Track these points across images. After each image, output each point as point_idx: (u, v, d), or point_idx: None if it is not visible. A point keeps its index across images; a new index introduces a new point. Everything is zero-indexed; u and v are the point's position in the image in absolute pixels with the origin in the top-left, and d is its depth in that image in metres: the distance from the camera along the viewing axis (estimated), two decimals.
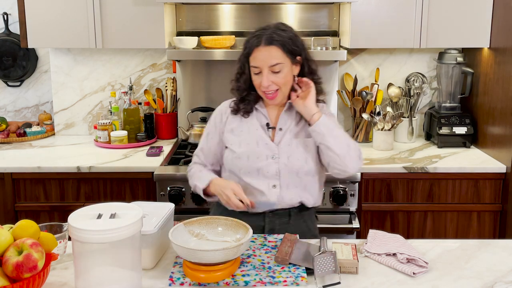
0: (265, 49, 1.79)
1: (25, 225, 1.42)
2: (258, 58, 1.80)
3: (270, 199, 1.85)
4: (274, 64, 1.79)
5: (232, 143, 1.90)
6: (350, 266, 1.53)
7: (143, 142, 2.93)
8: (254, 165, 1.84)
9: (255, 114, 1.91)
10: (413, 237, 2.60)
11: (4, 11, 3.13)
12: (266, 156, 1.85)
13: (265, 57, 1.79)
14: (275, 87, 1.81)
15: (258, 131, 1.89)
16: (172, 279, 1.49)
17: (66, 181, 2.60)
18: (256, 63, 1.81)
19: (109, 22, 2.75)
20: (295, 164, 1.84)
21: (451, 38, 2.75)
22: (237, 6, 3.03)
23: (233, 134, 1.91)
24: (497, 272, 1.54)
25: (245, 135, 1.89)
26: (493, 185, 2.57)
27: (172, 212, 1.71)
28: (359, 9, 2.71)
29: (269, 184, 1.85)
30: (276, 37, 1.80)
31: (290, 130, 1.88)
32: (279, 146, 1.86)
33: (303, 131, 1.88)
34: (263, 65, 1.79)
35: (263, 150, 1.85)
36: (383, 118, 2.83)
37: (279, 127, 1.89)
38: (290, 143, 1.86)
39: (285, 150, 1.85)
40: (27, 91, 3.25)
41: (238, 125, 1.91)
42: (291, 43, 1.81)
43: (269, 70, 1.79)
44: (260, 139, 1.87)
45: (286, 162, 1.84)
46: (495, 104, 2.66)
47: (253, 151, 1.85)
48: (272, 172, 1.84)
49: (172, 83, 3.08)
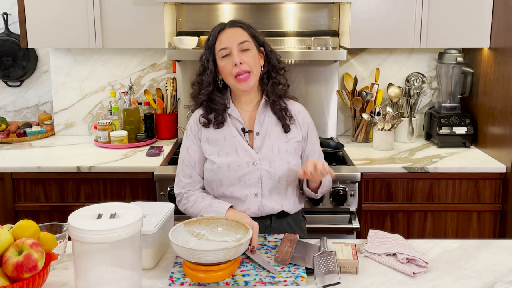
0: (230, 30, 1.82)
1: (25, 225, 1.42)
2: (225, 39, 1.79)
3: (251, 208, 1.82)
4: (242, 42, 1.79)
5: (210, 153, 1.85)
6: (350, 266, 1.53)
7: (143, 142, 2.93)
8: (235, 174, 1.80)
9: (229, 120, 1.86)
10: (413, 237, 2.60)
11: (4, 11, 3.13)
12: (247, 163, 1.81)
13: (232, 36, 1.80)
14: (246, 67, 1.77)
15: (236, 137, 1.84)
16: (172, 279, 1.49)
17: (66, 181, 2.60)
18: (223, 44, 1.79)
19: (109, 22, 2.75)
20: (277, 170, 1.81)
21: (451, 38, 2.75)
22: (237, 6, 3.03)
23: (210, 144, 1.86)
24: (497, 272, 1.54)
25: (222, 144, 1.84)
26: (493, 185, 2.57)
27: (172, 212, 1.71)
28: (359, 9, 2.71)
29: (251, 192, 1.81)
30: (238, 22, 1.84)
31: (269, 134, 1.84)
32: (260, 152, 1.82)
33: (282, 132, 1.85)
34: (231, 44, 1.78)
35: (243, 158, 1.81)
36: (383, 118, 2.83)
37: (256, 131, 1.84)
38: (270, 147, 1.83)
39: (266, 156, 1.81)
40: (27, 91, 3.25)
41: (213, 134, 1.86)
42: (252, 29, 1.85)
43: (238, 49, 1.78)
44: (238, 146, 1.82)
45: (268, 169, 1.81)
46: (495, 104, 2.66)
47: (233, 160, 1.81)
48: (254, 179, 1.80)
49: (172, 83, 3.08)
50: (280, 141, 1.84)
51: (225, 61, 1.79)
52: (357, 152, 2.80)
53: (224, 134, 1.85)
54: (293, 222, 1.91)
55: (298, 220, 1.95)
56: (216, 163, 1.82)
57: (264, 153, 1.82)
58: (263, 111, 1.87)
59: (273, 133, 1.85)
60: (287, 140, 1.85)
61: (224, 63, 1.79)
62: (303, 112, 1.94)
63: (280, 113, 1.86)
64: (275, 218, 1.87)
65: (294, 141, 1.87)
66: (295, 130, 1.88)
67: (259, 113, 1.87)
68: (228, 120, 1.86)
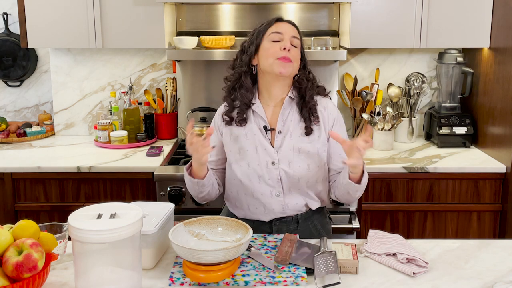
0: (287, 24, 1.85)
1: (25, 225, 1.42)
2: (281, 27, 1.82)
3: (275, 208, 1.82)
4: (296, 36, 1.82)
5: (231, 149, 1.85)
6: (350, 266, 1.53)
7: (143, 142, 2.93)
8: (255, 173, 1.80)
9: (252, 118, 1.85)
10: (413, 237, 2.60)
11: (4, 11, 3.13)
12: (266, 163, 1.80)
13: (289, 28, 1.83)
14: (292, 57, 1.78)
15: (257, 135, 1.83)
16: (172, 279, 1.49)
17: (66, 181, 2.60)
18: (279, 29, 1.81)
19: (109, 22, 2.75)
20: (296, 171, 1.80)
21: (451, 38, 2.75)
22: (237, 6, 3.03)
23: (231, 140, 1.86)
24: (497, 272, 1.54)
25: (242, 141, 1.84)
26: (493, 185, 2.57)
27: (172, 212, 1.71)
28: (359, 9, 2.71)
29: (272, 193, 1.81)
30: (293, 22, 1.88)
31: (290, 133, 1.82)
32: (280, 151, 1.81)
33: (304, 133, 1.82)
34: (286, 33, 1.81)
35: (262, 157, 1.80)
36: (383, 118, 2.83)
37: (278, 129, 1.83)
38: (291, 148, 1.81)
39: (285, 156, 1.80)
40: (27, 91, 3.25)
41: (235, 130, 1.86)
42: (300, 33, 1.88)
43: (290, 41, 1.80)
44: (259, 144, 1.82)
45: (287, 169, 1.80)
46: (495, 104, 2.66)
47: (252, 157, 1.81)
48: (273, 179, 1.80)
49: (172, 83, 3.08)
50: (301, 141, 1.82)
51: (273, 44, 1.80)
52: None
53: (246, 132, 1.84)
54: (319, 225, 1.91)
55: (324, 222, 1.95)
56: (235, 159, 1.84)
57: (284, 152, 1.81)
58: (287, 108, 1.85)
59: (295, 132, 1.83)
60: (310, 140, 1.82)
61: (272, 45, 1.80)
62: (329, 107, 1.89)
63: (307, 113, 1.83)
64: (301, 221, 1.86)
65: (317, 142, 1.84)
66: (319, 130, 1.84)
67: (283, 110, 1.85)
68: (251, 117, 1.86)
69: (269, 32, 1.81)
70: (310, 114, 1.83)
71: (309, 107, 1.83)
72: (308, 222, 1.88)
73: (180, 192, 2.46)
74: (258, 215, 1.86)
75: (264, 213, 1.84)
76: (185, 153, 2.76)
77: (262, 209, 1.83)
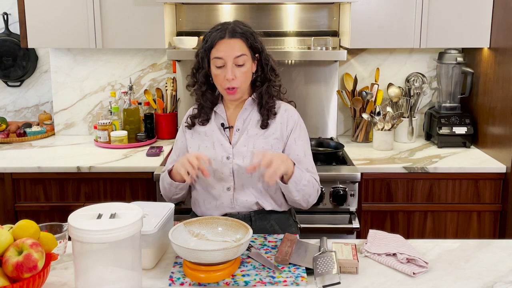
0: (229, 41, 1.80)
1: (25, 225, 1.42)
2: (222, 50, 1.79)
3: (224, 202, 1.85)
4: (239, 56, 1.79)
5: (191, 146, 1.92)
6: (350, 266, 1.53)
7: (143, 142, 2.93)
8: (210, 168, 1.82)
9: (213, 117, 1.92)
10: (413, 237, 2.60)
11: (4, 11, 3.13)
12: (221, 157, 1.85)
13: (230, 48, 1.79)
14: (236, 83, 1.80)
15: (215, 132, 1.89)
16: (172, 279, 1.49)
17: (66, 181, 2.60)
18: (220, 54, 1.80)
19: (109, 22, 2.75)
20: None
21: (451, 38, 2.75)
22: (237, 6, 3.03)
23: (193, 138, 1.93)
24: (497, 272, 1.54)
25: (203, 138, 1.91)
26: (493, 185, 2.57)
27: (172, 212, 1.71)
28: (359, 9, 2.71)
29: (224, 187, 1.84)
30: (239, 30, 1.82)
31: (248, 131, 1.87)
32: (235, 146, 1.86)
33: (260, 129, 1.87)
34: (227, 57, 1.79)
35: (218, 152, 1.86)
36: (383, 118, 2.83)
37: (237, 127, 1.89)
38: (246, 143, 1.85)
39: (240, 151, 1.84)
40: (27, 91, 3.25)
41: (198, 128, 1.93)
42: (252, 39, 1.84)
43: (233, 62, 1.79)
44: (216, 140, 1.88)
45: (240, 163, 1.83)
46: (495, 104, 2.66)
47: (209, 153, 1.85)
48: (226, 173, 1.84)
49: (172, 83, 3.08)
50: (257, 138, 1.86)
51: (219, 71, 1.82)
52: (357, 152, 2.80)
53: (206, 130, 1.91)
54: (277, 226, 1.89)
55: (286, 224, 1.91)
56: None
57: (239, 148, 1.85)
58: (248, 109, 1.91)
59: (252, 130, 1.88)
60: (265, 136, 1.87)
61: (218, 72, 1.82)
62: (290, 110, 1.92)
63: (264, 111, 1.88)
64: (256, 218, 1.86)
65: (272, 138, 1.87)
66: (274, 126, 1.88)
67: (243, 110, 1.90)
68: (212, 116, 1.92)
69: (213, 56, 1.82)
70: (268, 111, 1.88)
71: (266, 108, 1.88)
72: (264, 221, 1.87)
73: None
74: (211, 211, 1.89)
75: (215, 208, 1.87)
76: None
77: (214, 203, 1.87)
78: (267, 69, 1.89)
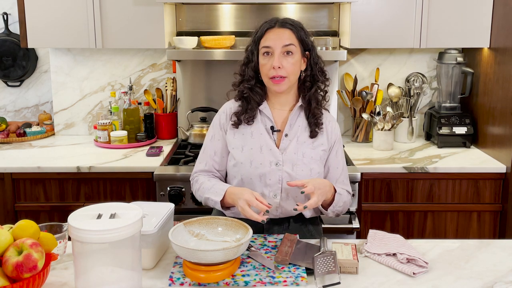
0: (279, 30, 1.77)
1: (25, 225, 1.42)
2: (271, 38, 1.76)
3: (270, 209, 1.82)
4: (288, 44, 1.75)
5: (234, 146, 1.84)
6: (350, 266, 1.53)
7: (143, 142, 2.93)
8: (257, 172, 1.79)
9: (259, 117, 1.85)
10: (413, 237, 2.60)
11: (4, 11, 3.13)
12: (269, 163, 1.79)
13: (279, 37, 1.76)
14: (283, 72, 1.75)
15: (263, 135, 1.82)
16: (172, 279, 1.49)
17: (66, 181, 2.60)
18: (268, 43, 1.76)
19: (109, 22, 2.75)
20: (299, 174, 1.79)
21: (451, 38, 2.75)
22: (237, 6, 3.03)
23: (235, 137, 1.85)
24: (497, 272, 1.54)
25: (248, 139, 1.83)
26: (493, 185, 2.57)
27: (172, 212, 1.71)
28: (359, 9, 2.71)
29: (270, 193, 1.80)
30: (289, 22, 1.80)
31: (297, 137, 1.83)
32: (285, 153, 1.81)
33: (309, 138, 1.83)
34: (276, 45, 1.75)
35: (266, 156, 1.80)
36: (383, 118, 2.83)
37: (285, 132, 1.84)
38: (296, 151, 1.81)
39: (290, 158, 1.80)
40: (27, 91, 3.25)
41: (241, 128, 1.85)
42: (303, 33, 1.80)
43: (282, 51, 1.75)
44: (264, 144, 1.81)
45: (290, 171, 1.79)
46: (495, 104, 2.66)
47: (256, 157, 1.80)
48: (274, 180, 1.79)
49: (172, 83, 3.08)
50: (306, 146, 1.82)
51: (266, 59, 1.77)
52: (357, 152, 2.80)
53: (252, 130, 1.84)
54: (311, 225, 1.90)
55: (315, 223, 1.94)
56: (238, 157, 1.82)
57: (289, 155, 1.80)
58: (296, 114, 1.86)
59: (301, 137, 1.83)
60: (314, 146, 1.83)
61: (265, 61, 1.78)
62: (333, 122, 1.91)
63: (313, 119, 1.84)
64: (293, 221, 1.87)
65: (320, 149, 1.84)
66: (322, 138, 1.85)
67: (293, 115, 1.85)
68: (258, 116, 1.85)
69: (261, 45, 1.79)
70: (316, 120, 1.84)
71: (315, 117, 1.84)
72: (299, 223, 1.88)
73: (180, 192, 2.46)
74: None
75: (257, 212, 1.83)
76: (185, 153, 2.76)
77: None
78: (316, 69, 1.84)
